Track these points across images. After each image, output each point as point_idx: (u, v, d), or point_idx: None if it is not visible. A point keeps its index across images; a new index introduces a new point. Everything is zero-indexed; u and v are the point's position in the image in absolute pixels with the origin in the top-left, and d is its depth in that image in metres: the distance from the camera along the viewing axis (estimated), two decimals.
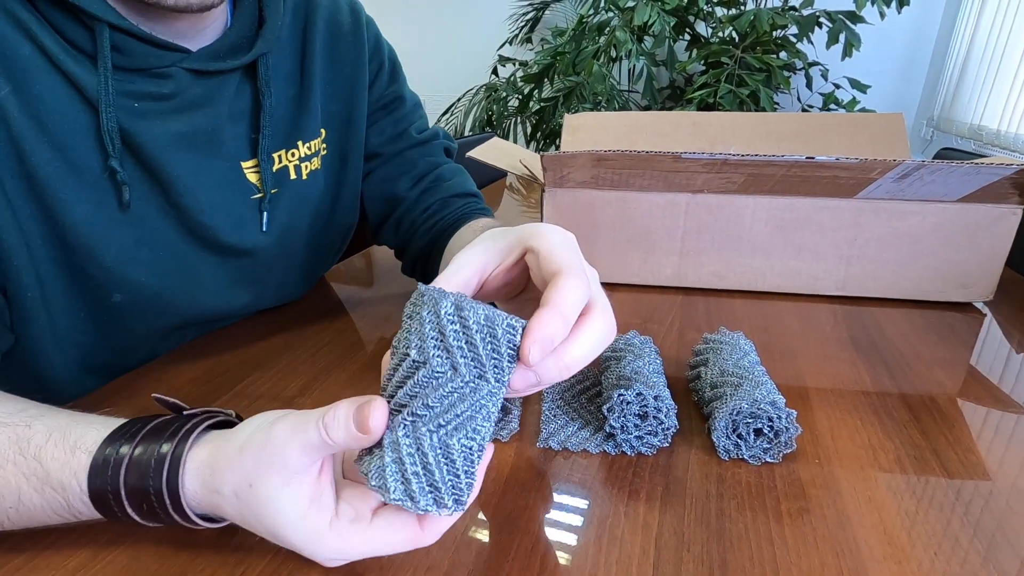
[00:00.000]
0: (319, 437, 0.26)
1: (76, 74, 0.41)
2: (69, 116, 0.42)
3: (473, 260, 0.31)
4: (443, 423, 0.26)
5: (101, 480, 0.29)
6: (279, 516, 0.27)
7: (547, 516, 0.35)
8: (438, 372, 0.27)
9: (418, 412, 0.26)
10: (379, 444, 0.27)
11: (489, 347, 0.27)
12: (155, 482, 0.28)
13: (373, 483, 0.26)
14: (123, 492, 0.29)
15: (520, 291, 0.35)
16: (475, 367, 0.27)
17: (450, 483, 0.27)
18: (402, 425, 0.27)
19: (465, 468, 0.27)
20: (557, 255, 0.29)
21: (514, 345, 0.27)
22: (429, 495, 0.26)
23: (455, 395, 0.27)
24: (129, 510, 0.29)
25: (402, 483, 0.26)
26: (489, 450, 0.29)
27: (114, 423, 0.31)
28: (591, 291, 0.29)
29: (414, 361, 0.27)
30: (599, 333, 0.29)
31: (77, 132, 0.43)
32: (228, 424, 0.32)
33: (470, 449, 0.27)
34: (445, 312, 0.27)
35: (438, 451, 0.26)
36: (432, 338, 0.27)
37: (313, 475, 0.27)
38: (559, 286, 0.28)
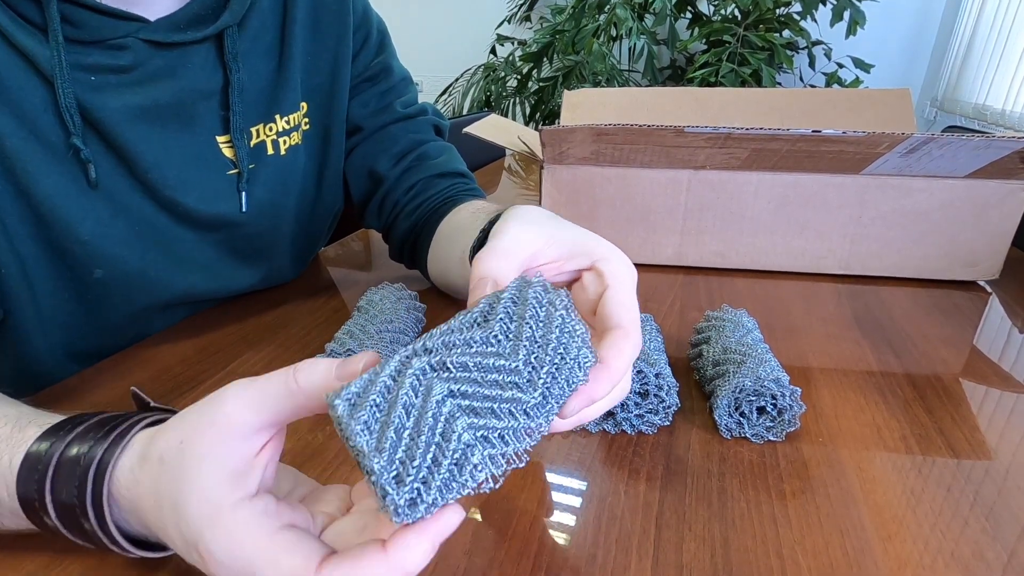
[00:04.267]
0: (282, 383, 0.24)
1: (29, 48, 0.40)
2: (28, 91, 0.41)
3: (532, 240, 0.31)
4: (466, 393, 0.22)
5: (29, 474, 0.26)
6: (193, 478, 0.23)
7: (545, 496, 0.34)
8: (497, 338, 0.23)
9: (448, 364, 0.22)
10: (366, 392, 0.21)
11: (554, 367, 0.24)
12: (80, 486, 0.25)
13: (335, 406, 0.21)
14: (48, 492, 0.26)
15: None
16: (537, 371, 0.23)
17: (427, 468, 0.21)
18: (414, 374, 0.22)
19: (454, 464, 0.21)
20: (623, 302, 0.29)
21: (573, 383, 0.25)
22: (395, 460, 0.20)
23: (496, 374, 0.22)
24: (52, 512, 0.26)
25: (370, 425, 0.20)
26: (456, 513, 0.22)
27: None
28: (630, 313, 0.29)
29: (475, 322, 0.23)
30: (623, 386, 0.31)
31: (37, 107, 0.41)
32: None
33: (468, 448, 0.21)
34: (547, 304, 0.25)
35: (441, 422, 0.21)
36: (509, 310, 0.23)
37: (252, 447, 0.24)
38: (618, 347, 0.27)
